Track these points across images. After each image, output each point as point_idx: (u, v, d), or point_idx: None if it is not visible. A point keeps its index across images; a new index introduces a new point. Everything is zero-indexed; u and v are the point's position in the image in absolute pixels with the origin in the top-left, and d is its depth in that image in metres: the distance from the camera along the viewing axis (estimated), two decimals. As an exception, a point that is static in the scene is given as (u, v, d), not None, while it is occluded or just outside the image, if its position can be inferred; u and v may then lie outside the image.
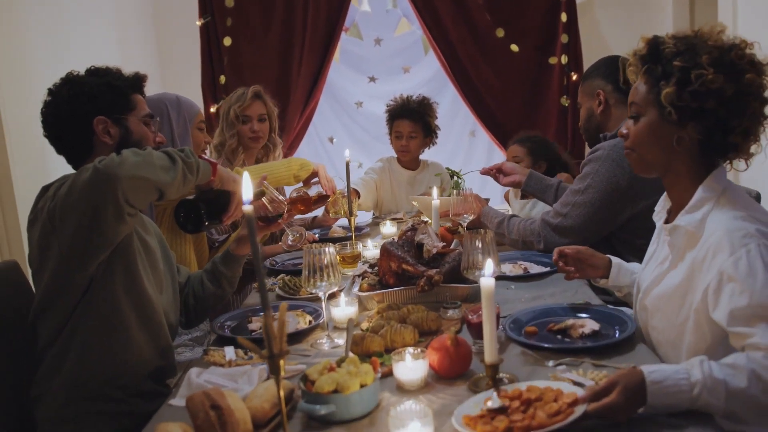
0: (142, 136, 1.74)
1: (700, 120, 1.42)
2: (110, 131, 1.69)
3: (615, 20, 4.83)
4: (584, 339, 1.52)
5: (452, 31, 4.53)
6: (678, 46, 1.43)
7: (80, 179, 1.46)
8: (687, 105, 1.41)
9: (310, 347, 1.67)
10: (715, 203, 1.43)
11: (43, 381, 1.62)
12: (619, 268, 1.79)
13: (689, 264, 1.43)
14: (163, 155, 1.56)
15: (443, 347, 1.39)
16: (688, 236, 1.45)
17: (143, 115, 1.76)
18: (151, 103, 2.40)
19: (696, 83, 1.39)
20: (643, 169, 1.57)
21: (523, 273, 2.10)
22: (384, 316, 1.69)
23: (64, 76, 1.71)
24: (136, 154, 1.50)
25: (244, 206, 1.04)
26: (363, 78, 5.13)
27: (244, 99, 2.98)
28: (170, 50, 4.77)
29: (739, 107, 1.39)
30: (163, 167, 1.53)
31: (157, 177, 1.50)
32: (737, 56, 1.39)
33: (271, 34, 4.52)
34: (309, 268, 1.66)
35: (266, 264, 2.52)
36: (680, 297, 1.45)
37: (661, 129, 1.47)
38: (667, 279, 1.50)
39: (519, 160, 3.21)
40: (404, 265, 1.84)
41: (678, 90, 1.41)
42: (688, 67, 1.40)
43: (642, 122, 1.51)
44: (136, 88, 1.77)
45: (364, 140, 5.16)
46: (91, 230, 1.47)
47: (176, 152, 1.60)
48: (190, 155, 1.63)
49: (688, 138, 1.45)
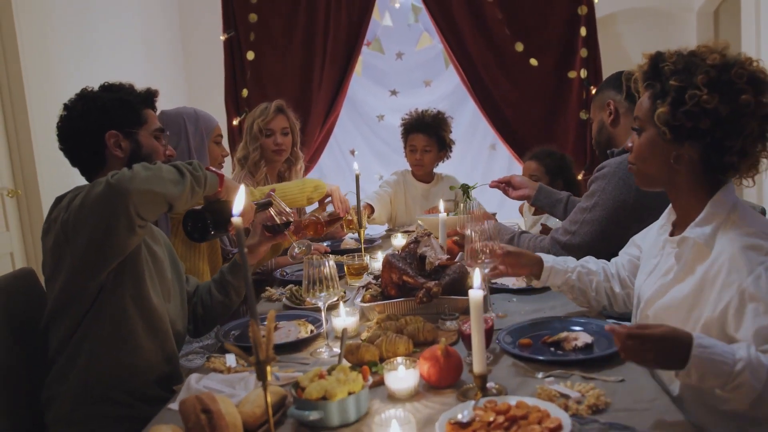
0: (152, 149, 1.80)
1: (695, 139, 1.43)
2: (121, 145, 1.75)
3: (638, 34, 4.82)
4: (576, 352, 1.54)
5: (472, 45, 4.57)
6: (677, 64, 1.44)
7: (93, 193, 1.52)
8: (681, 124, 1.42)
9: (309, 356, 1.71)
10: (725, 219, 1.44)
11: (53, 385, 1.69)
12: (549, 272, 1.84)
13: (699, 278, 1.43)
14: (172, 169, 1.62)
15: (434, 357, 1.42)
16: (697, 249, 1.45)
17: (154, 130, 1.82)
18: (170, 117, 2.49)
19: (689, 103, 1.39)
20: (645, 183, 1.59)
21: (526, 286, 2.11)
22: (382, 326, 1.72)
23: (79, 91, 1.79)
24: (147, 168, 1.56)
25: (233, 218, 1.08)
26: (384, 91, 5.20)
27: (267, 113, 3.04)
28: (195, 64, 4.91)
29: (735, 128, 1.40)
30: (173, 181, 1.59)
31: (166, 190, 1.56)
32: (736, 75, 1.39)
33: (293, 48, 4.62)
34: (309, 279, 1.70)
35: (276, 274, 2.57)
36: (686, 310, 1.45)
37: (660, 146, 1.49)
38: (673, 291, 1.50)
39: (536, 179, 3.20)
40: (405, 277, 1.87)
41: (671, 110, 1.42)
42: (683, 87, 1.41)
43: (643, 137, 1.53)
44: (147, 103, 1.84)
45: (385, 153, 5.22)
46: (103, 241, 1.54)
47: (185, 166, 1.66)
48: (198, 168, 1.69)
49: (687, 156, 1.46)
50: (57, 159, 1.80)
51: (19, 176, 3.27)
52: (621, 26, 4.85)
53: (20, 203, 3.29)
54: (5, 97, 3.20)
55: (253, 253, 2.04)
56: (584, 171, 4.49)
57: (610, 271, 1.86)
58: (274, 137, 3.03)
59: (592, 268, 1.86)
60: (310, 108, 4.63)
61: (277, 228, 2.01)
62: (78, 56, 3.61)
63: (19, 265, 3.23)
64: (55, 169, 3.25)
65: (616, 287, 1.83)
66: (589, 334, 1.59)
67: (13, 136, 3.23)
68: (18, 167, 3.26)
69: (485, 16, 4.54)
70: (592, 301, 1.85)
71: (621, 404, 1.30)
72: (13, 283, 1.85)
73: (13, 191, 3.23)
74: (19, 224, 3.30)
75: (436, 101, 4.82)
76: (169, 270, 1.85)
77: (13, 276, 1.88)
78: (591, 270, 1.85)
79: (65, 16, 3.56)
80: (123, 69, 3.96)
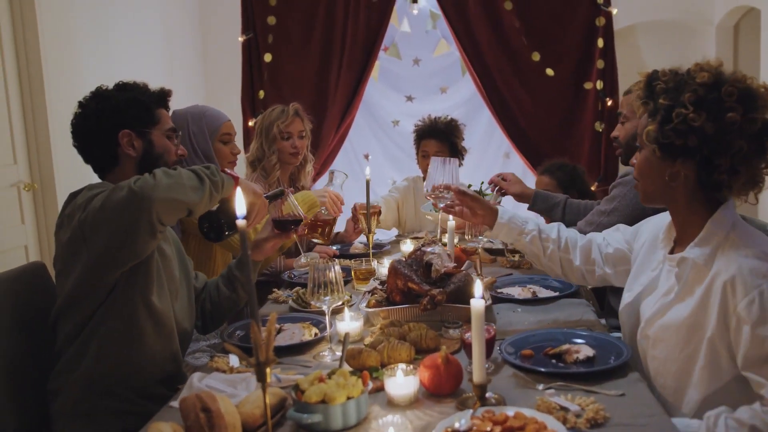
0: (164, 149, 1.83)
1: (686, 157, 1.44)
2: (134, 144, 1.78)
3: (657, 47, 4.79)
4: (578, 364, 1.54)
5: (488, 53, 4.57)
6: (668, 83, 1.46)
7: (115, 197, 1.54)
8: (671, 142, 1.43)
9: (312, 359, 1.72)
10: (725, 238, 1.44)
11: (60, 377, 1.71)
12: (502, 228, 1.92)
13: (699, 299, 1.44)
14: (191, 175, 1.65)
15: (434, 365, 1.43)
16: (697, 269, 1.46)
17: (166, 129, 1.85)
18: (177, 116, 2.51)
19: (675, 121, 1.40)
20: (647, 200, 1.60)
21: (531, 297, 2.11)
22: (385, 332, 1.73)
23: (94, 90, 1.81)
24: (168, 175, 1.59)
25: (238, 221, 1.10)
26: (400, 97, 5.20)
27: (287, 116, 3.05)
28: (213, 64, 4.95)
29: (723, 146, 1.40)
30: (193, 187, 1.62)
31: (187, 198, 1.60)
32: (726, 93, 1.39)
33: (311, 51, 4.64)
34: (314, 283, 1.71)
35: (284, 276, 2.58)
36: (687, 330, 1.45)
37: (655, 164, 1.50)
38: (673, 311, 1.50)
39: None
40: (410, 284, 1.88)
41: (659, 127, 1.43)
42: (671, 105, 1.42)
43: (642, 155, 1.55)
44: (160, 102, 1.86)
45: (399, 158, 5.22)
46: (123, 244, 1.57)
47: (203, 170, 1.68)
48: (216, 173, 1.71)
49: (682, 173, 1.47)
50: (74, 155, 1.83)
51: (36, 171, 3.31)
52: (640, 38, 4.83)
53: (36, 197, 3.33)
54: (25, 92, 3.25)
55: (261, 249, 2.04)
56: (598, 182, 4.47)
57: (578, 243, 1.89)
58: (292, 140, 3.04)
59: (551, 235, 1.90)
60: (326, 111, 4.65)
61: (286, 224, 2.02)
62: (98, 53, 3.66)
63: (33, 259, 3.27)
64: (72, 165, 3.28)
65: (576, 260, 1.88)
66: (591, 347, 1.59)
67: (32, 131, 3.28)
68: (35, 162, 3.30)
69: (503, 25, 4.54)
70: (545, 266, 1.93)
71: (620, 419, 1.30)
72: (23, 276, 1.88)
73: (29, 185, 3.28)
74: (35, 218, 3.34)
75: (451, 108, 4.81)
76: (177, 268, 1.87)
77: (24, 269, 1.91)
78: (549, 237, 1.90)
79: (87, 11, 3.61)
80: (142, 68, 4.01)
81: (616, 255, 1.85)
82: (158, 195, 1.52)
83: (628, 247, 1.83)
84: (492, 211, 1.95)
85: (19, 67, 3.23)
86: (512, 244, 1.96)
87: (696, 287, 1.45)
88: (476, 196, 1.98)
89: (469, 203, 1.98)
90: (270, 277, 2.75)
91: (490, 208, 1.96)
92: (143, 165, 1.77)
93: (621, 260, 1.85)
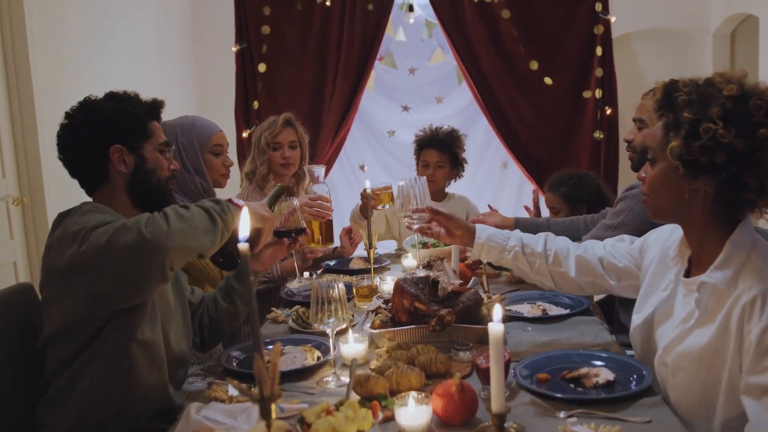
0: (156, 164, 1.72)
1: (710, 174, 1.35)
2: (125, 160, 1.67)
3: (653, 55, 4.77)
4: (598, 389, 1.46)
5: (486, 62, 4.53)
6: (691, 94, 1.36)
7: (123, 239, 1.42)
8: (696, 159, 1.34)
9: (315, 384, 1.64)
10: (746, 259, 1.37)
11: (47, 410, 1.61)
12: (482, 248, 1.83)
13: (719, 324, 1.36)
14: (204, 216, 1.53)
15: (448, 393, 1.34)
16: (717, 294, 1.38)
17: (159, 144, 1.75)
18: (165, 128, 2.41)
19: (705, 137, 1.32)
20: (658, 216, 1.52)
21: (542, 314, 2.03)
22: (392, 355, 1.65)
23: (82, 100, 1.71)
24: (181, 218, 1.48)
25: (240, 244, 1.02)
26: (396, 106, 5.14)
27: (275, 126, 2.98)
28: (207, 74, 4.88)
29: (752, 163, 1.32)
30: (206, 230, 1.52)
31: (200, 243, 1.50)
32: (754, 107, 1.31)
33: (306, 61, 4.59)
34: (317, 302, 1.63)
35: (282, 294, 2.49)
36: (709, 358, 1.38)
37: (673, 180, 1.41)
38: (692, 337, 1.42)
39: (557, 211, 3.12)
40: (417, 303, 1.80)
41: (685, 143, 1.34)
42: (697, 119, 1.33)
43: (656, 169, 1.45)
44: (153, 114, 1.75)
45: (395, 169, 5.15)
46: (131, 287, 1.48)
47: (214, 208, 1.57)
48: (227, 209, 1.60)
49: (702, 191, 1.38)
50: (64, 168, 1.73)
51: (25, 184, 3.21)
52: (636, 46, 4.79)
53: (25, 212, 3.23)
54: (14, 104, 3.16)
55: (259, 260, 1.95)
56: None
57: (571, 253, 1.79)
58: (281, 150, 2.97)
59: (537, 249, 1.80)
60: (321, 121, 4.58)
61: (288, 234, 1.94)
62: (90, 63, 3.57)
63: (22, 275, 3.17)
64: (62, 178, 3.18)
65: (571, 272, 1.78)
66: (611, 370, 1.51)
67: (21, 143, 3.18)
68: (24, 175, 3.20)
69: (500, 33, 4.49)
70: (536, 282, 1.84)
71: (647, 449, 1.22)
72: (11, 298, 1.78)
73: (18, 199, 3.18)
74: (24, 233, 3.24)
75: (447, 118, 4.76)
76: (171, 291, 1.78)
77: (12, 291, 1.81)
78: (534, 251, 1.80)
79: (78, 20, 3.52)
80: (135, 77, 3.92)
81: (622, 269, 1.76)
82: (172, 244, 1.43)
83: (635, 262, 1.75)
84: (469, 230, 1.86)
85: (7, 77, 3.13)
86: (496, 263, 1.87)
87: (717, 313, 1.38)
88: (451, 214, 1.89)
89: (444, 223, 1.89)
90: (269, 284, 2.65)
91: (467, 227, 1.87)
92: (134, 182, 1.68)
93: (627, 275, 1.76)
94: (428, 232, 1.95)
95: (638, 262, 1.73)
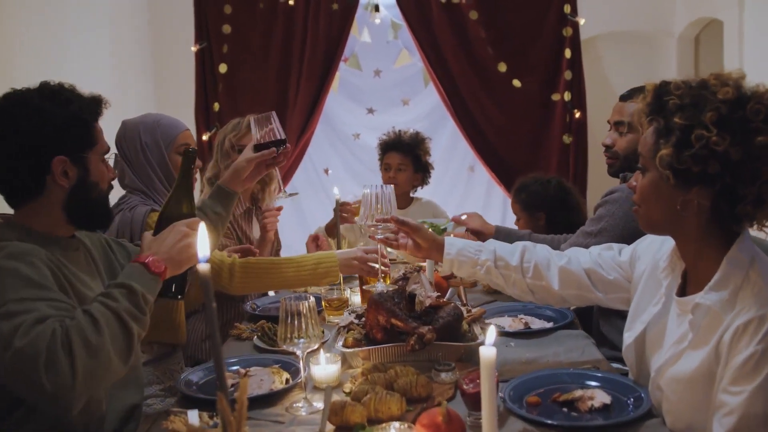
0: (99, 176, 1.49)
1: (704, 185, 1.25)
2: (68, 172, 1.43)
3: (618, 58, 4.76)
4: (593, 413, 1.35)
5: (453, 64, 4.43)
6: (683, 98, 1.26)
7: (20, 382, 1.21)
8: (688, 168, 1.24)
9: (285, 411, 1.50)
10: (744, 278, 1.26)
11: None
12: (452, 263, 1.72)
13: (713, 346, 1.26)
14: (118, 333, 1.28)
15: (434, 423, 1.22)
16: (713, 316, 1.27)
17: (104, 151, 1.52)
18: (128, 128, 2.24)
19: (696, 145, 1.21)
20: (649, 228, 1.42)
21: (524, 328, 1.93)
22: (368, 379, 1.51)
23: (14, 94, 1.42)
24: (89, 351, 1.21)
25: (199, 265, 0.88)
26: (361, 109, 5.03)
27: (240, 128, 2.84)
28: (165, 75, 4.68)
29: (749, 174, 1.22)
30: (121, 352, 1.28)
31: (114, 373, 1.29)
32: (752, 112, 1.21)
33: (268, 62, 4.44)
34: (285, 320, 1.48)
35: (246, 308, 2.34)
36: (701, 380, 1.28)
37: (664, 190, 1.30)
38: (685, 359, 1.32)
39: (518, 218, 3.04)
40: (393, 320, 1.67)
41: (675, 152, 1.24)
42: (689, 126, 1.23)
43: (647, 178, 1.35)
44: (97, 115, 1.49)
45: (360, 172, 5.04)
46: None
47: (130, 312, 1.31)
48: (141, 300, 1.33)
49: (695, 202, 1.27)
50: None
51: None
52: (602, 49, 4.77)
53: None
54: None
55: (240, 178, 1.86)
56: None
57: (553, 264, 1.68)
58: None
59: (512, 262, 1.68)
60: (285, 124, 4.41)
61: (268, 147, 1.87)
62: (40, 62, 3.35)
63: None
64: None
65: (554, 284, 1.66)
66: (606, 392, 1.41)
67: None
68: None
69: (468, 35, 4.39)
70: (513, 293, 1.73)
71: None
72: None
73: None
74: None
75: (414, 121, 4.66)
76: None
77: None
78: (509, 264, 1.68)
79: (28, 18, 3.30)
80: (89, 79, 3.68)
81: (611, 282, 1.65)
82: (78, 395, 1.20)
83: (625, 274, 1.64)
84: (437, 243, 1.73)
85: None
86: (469, 277, 1.75)
87: (711, 335, 1.27)
88: (418, 225, 1.75)
89: (410, 234, 1.74)
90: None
91: (434, 240, 1.73)
92: (74, 196, 1.45)
93: (616, 288, 1.65)
94: (393, 244, 1.79)
95: (628, 274, 1.63)
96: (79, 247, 1.54)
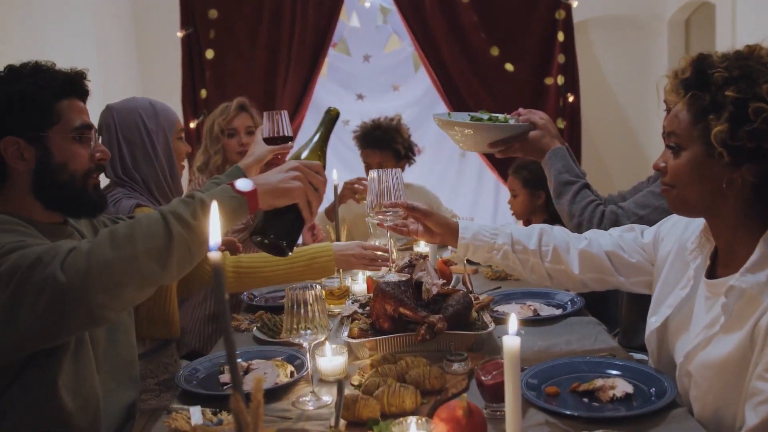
0: (68, 157, 1.38)
1: (756, 161, 1.19)
2: (24, 155, 1.34)
3: (609, 41, 4.72)
4: (615, 403, 1.30)
5: (445, 48, 4.36)
6: (731, 70, 1.19)
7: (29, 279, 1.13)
8: (742, 144, 1.18)
9: (291, 406, 1.43)
10: None
11: None
12: (467, 248, 1.63)
13: (748, 332, 1.20)
14: (153, 232, 1.18)
15: (454, 418, 1.16)
16: (748, 299, 1.22)
17: (74, 129, 1.39)
18: (122, 113, 2.09)
19: (756, 120, 1.16)
20: (682, 210, 1.35)
21: (533, 315, 1.87)
22: (379, 371, 1.45)
23: None
24: (115, 244, 1.15)
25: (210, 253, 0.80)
26: (351, 95, 4.95)
27: (228, 111, 2.76)
28: (151, 62, 4.57)
29: None
30: (156, 254, 1.17)
31: (144, 275, 1.17)
32: None
33: (257, 47, 4.35)
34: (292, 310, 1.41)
35: (243, 297, 2.26)
36: (733, 367, 1.22)
37: (708, 169, 1.24)
38: (716, 344, 1.26)
39: (515, 194, 3.00)
40: (402, 309, 1.60)
41: (731, 127, 1.18)
42: (744, 99, 1.17)
43: (684, 157, 1.28)
44: (64, 92, 1.38)
45: (349, 159, 4.95)
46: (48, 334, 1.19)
47: (175, 213, 1.21)
48: (197, 209, 1.22)
49: (740, 180, 1.22)
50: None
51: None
52: (593, 33, 4.72)
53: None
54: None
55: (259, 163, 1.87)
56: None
57: (572, 247, 1.60)
58: (238, 137, 2.74)
59: (529, 246, 1.61)
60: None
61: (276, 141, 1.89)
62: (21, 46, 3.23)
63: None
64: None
65: (574, 268, 1.59)
66: (627, 381, 1.35)
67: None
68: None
69: (460, 19, 4.33)
70: (530, 279, 1.67)
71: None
72: None
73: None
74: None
75: (404, 107, 4.60)
76: None
77: None
78: (527, 248, 1.61)
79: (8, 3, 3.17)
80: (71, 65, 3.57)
81: (634, 265, 1.58)
82: (97, 287, 1.12)
83: (648, 257, 1.58)
84: (451, 228, 1.64)
85: None
86: (485, 262, 1.67)
87: (746, 319, 1.21)
88: (429, 210, 1.65)
89: (421, 220, 1.65)
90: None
91: (448, 225, 1.64)
92: (39, 180, 1.36)
93: (639, 271, 1.59)
94: (404, 231, 1.71)
95: (651, 256, 1.57)
96: (72, 234, 1.46)
